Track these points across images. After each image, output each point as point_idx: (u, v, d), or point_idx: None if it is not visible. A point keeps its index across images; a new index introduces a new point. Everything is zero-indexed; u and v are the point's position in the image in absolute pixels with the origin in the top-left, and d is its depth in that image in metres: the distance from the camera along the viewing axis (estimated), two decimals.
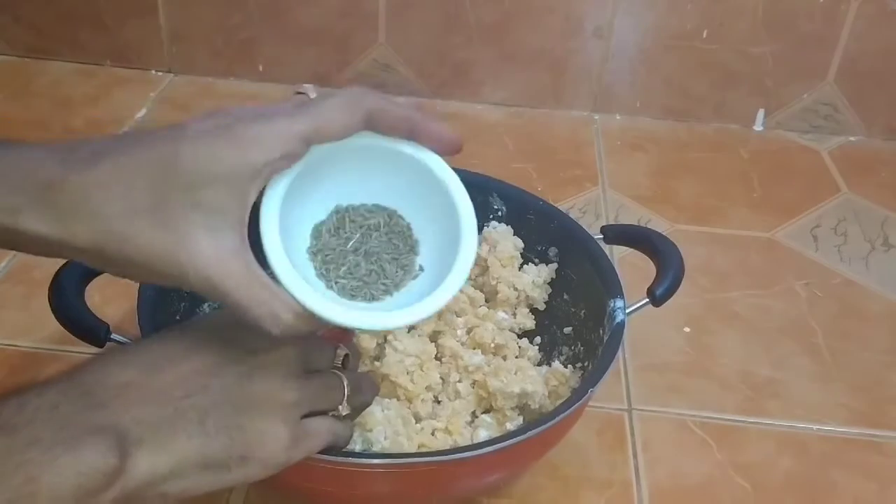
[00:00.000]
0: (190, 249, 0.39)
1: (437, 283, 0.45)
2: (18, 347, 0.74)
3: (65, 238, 0.40)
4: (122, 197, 0.39)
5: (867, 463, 0.69)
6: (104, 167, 0.39)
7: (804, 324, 0.82)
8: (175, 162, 0.39)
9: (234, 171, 0.39)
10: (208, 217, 0.39)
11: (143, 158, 0.39)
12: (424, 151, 0.45)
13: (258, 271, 0.41)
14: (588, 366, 0.64)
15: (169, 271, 0.40)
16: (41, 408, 0.38)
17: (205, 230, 0.39)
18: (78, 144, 0.40)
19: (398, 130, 0.44)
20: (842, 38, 1.07)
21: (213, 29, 1.14)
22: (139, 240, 0.39)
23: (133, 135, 0.41)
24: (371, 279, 0.46)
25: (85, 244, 0.40)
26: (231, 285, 0.40)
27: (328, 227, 0.46)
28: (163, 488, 0.41)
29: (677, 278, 0.64)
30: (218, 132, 0.40)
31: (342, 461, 0.50)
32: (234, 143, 0.39)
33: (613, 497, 0.64)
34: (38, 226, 0.39)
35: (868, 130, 1.13)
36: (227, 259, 0.40)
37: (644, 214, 0.97)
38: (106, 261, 0.41)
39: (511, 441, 0.51)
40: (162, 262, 0.40)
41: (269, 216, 0.41)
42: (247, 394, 0.43)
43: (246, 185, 0.40)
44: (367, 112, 0.42)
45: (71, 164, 0.39)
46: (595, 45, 1.10)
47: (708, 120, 1.14)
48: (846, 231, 0.96)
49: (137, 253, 0.39)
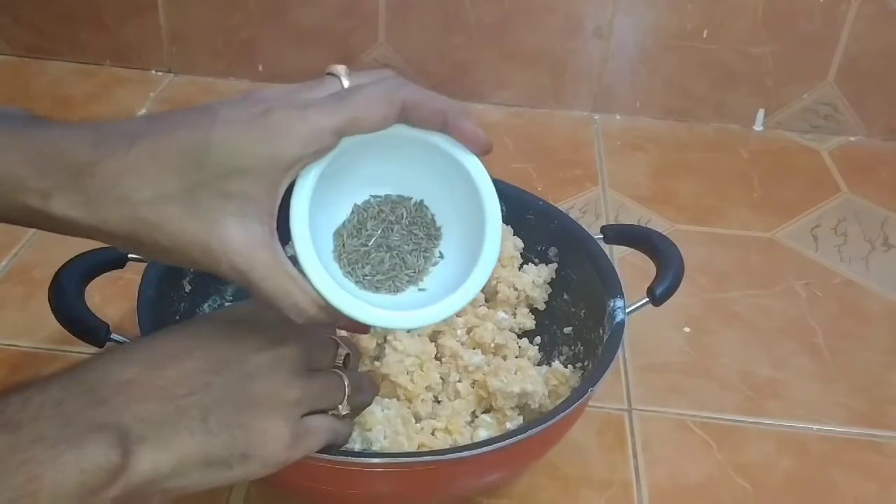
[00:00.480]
0: (220, 237, 0.40)
1: (460, 277, 0.45)
2: (18, 347, 0.74)
3: (95, 223, 0.40)
4: (153, 184, 0.39)
5: (867, 463, 0.69)
6: (135, 153, 0.39)
7: (804, 324, 0.82)
8: (206, 150, 0.39)
9: (266, 163, 0.39)
10: (239, 207, 0.39)
11: (175, 145, 0.39)
12: (456, 145, 0.44)
13: (286, 263, 0.41)
14: (588, 366, 0.64)
15: (200, 258, 0.40)
16: (45, 404, 0.38)
17: (235, 219, 0.40)
18: (110, 127, 0.41)
19: (432, 124, 0.43)
20: (842, 38, 1.07)
21: (213, 29, 1.14)
22: (170, 226, 0.40)
23: (164, 117, 0.41)
24: (395, 272, 0.46)
25: (116, 230, 0.40)
26: (259, 275, 0.40)
27: (348, 229, 0.46)
28: (164, 486, 0.41)
29: (677, 278, 0.64)
30: (251, 121, 0.39)
31: (342, 460, 0.50)
32: (267, 135, 0.39)
33: (613, 497, 0.64)
34: (68, 210, 0.40)
35: (868, 130, 1.13)
36: (256, 249, 0.40)
37: (644, 214, 0.97)
38: (137, 246, 0.41)
39: (511, 441, 0.51)
40: (193, 249, 0.40)
41: (299, 211, 0.42)
42: (249, 392, 0.43)
43: (277, 177, 0.40)
44: (402, 105, 0.42)
45: (102, 147, 0.39)
46: (595, 45, 1.10)
47: (708, 120, 1.14)
48: (846, 231, 0.96)
49: (168, 239, 0.40)
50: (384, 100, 0.41)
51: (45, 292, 0.58)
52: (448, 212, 0.47)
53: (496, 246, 0.45)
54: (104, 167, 0.39)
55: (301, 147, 0.40)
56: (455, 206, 0.46)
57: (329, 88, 0.42)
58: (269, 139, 0.39)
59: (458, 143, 0.44)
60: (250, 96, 0.41)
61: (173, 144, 0.39)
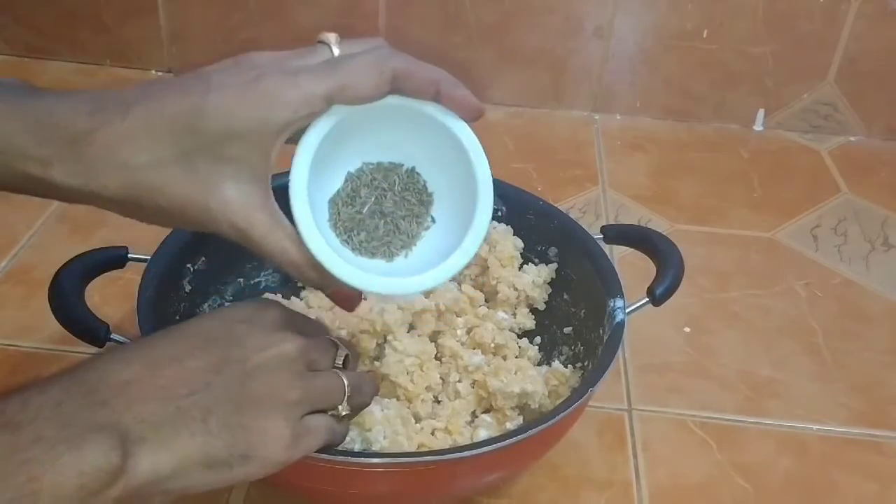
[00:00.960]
0: (219, 199, 0.42)
1: (453, 244, 0.46)
2: (18, 347, 0.74)
3: (96, 190, 0.41)
4: (150, 150, 0.41)
5: (867, 463, 0.69)
6: (131, 120, 0.40)
7: (804, 324, 0.82)
8: (201, 117, 0.40)
9: (258, 128, 0.41)
10: (234, 170, 0.41)
11: (169, 112, 0.41)
12: (448, 114, 0.45)
13: (284, 223, 0.43)
14: (588, 366, 0.64)
15: (200, 218, 0.42)
16: (44, 405, 0.38)
17: (232, 181, 0.41)
18: (105, 95, 0.42)
19: (424, 93, 0.44)
20: (842, 38, 1.07)
21: (213, 29, 1.14)
22: (170, 190, 0.41)
23: (158, 85, 0.42)
24: (389, 238, 0.47)
25: (116, 195, 0.42)
26: (258, 234, 0.42)
27: (342, 198, 0.47)
28: (165, 486, 0.41)
29: (677, 278, 0.64)
30: (243, 87, 0.41)
31: (342, 461, 0.50)
32: (259, 101, 0.41)
33: (613, 497, 0.64)
34: (68, 178, 0.41)
35: (868, 130, 1.13)
36: (253, 210, 0.42)
37: (644, 214, 0.97)
38: (137, 210, 0.43)
39: (511, 441, 0.51)
40: (193, 210, 0.42)
41: (297, 178, 0.43)
42: (250, 392, 0.43)
43: (269, 141, 0.41)
44: (393, 74, 0.43)
45: (98, 116, 0.41)
46: (595, 45, 1.10)
47: (708, 120, 1.14)
48: (846, 231, 0.96)
49: (169, 202, 0.42)
50: (375, 69, 0.42)
51: (45, 292, 0.58)
52: (440, 180, 0.48)
53: (487, 213, 0.46)
54: (101, 135, 0.40)
55: (292, 112, 0.41)
56: (447, 175, 0.47)
57: (320, 56, 0.43)
58: (260, 105, 0.41)
59: (450, 112, 0.45)
60: (241, 61, 0.42)
61: (168, 111, 0.41)
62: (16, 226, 0.88)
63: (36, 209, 0.90)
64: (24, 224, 0.88)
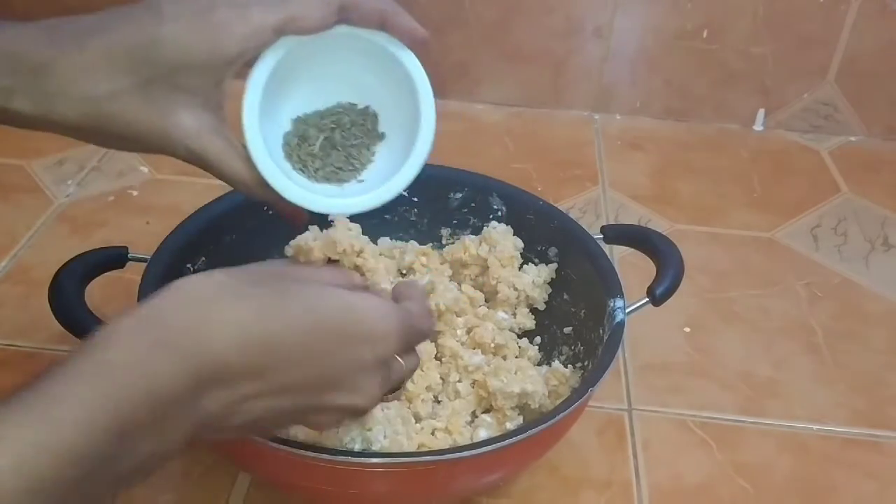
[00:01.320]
0: (175, 125, 0.44)
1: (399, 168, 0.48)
2: (19, 347, 0.74)
3: (57, 119, 0.44)
4: (109, 81, 0.43)
5: (867, 463, 0.69)
6: (90, 52, 0.43)
7: (804, 324, 0.82)
8: (156, 48, 0.43)
9: (209, 59, 0.43)
10: (189, 98, 0.44)
11: (125, 42, 0.43)
12: (393, 41, 0.47)
13: (237, 146, 0.46)
14: (588, 365, 0.64)
15: (159, 143, 0.45)
16: None
17: (186, 108, 0.44)
18: (61, 24, 0.44)
19: (370, 22, 0.46)
20: (842, 38, 1.07)
21: None
22: (129, 117, 0.44)
23: (112, 15, 0.44)
24: (340, 164, 0.49)
25: (76, 123, 0.44)
26: (212, 158, 0.45)
27: (291, 140, 0.49)
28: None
29: (677, 278, 0.64)
30: (195, 19, 0.43)
31: (342, 461, 0.50)
32: (210, 33, 0.43)
33: (613, 497, 0.64)
34: (31, 108, 0.43)
35: (868, 130, 1.13)
36: (208, 135, 0.45)
37: (644, 214, 0.97)
38: (96, 136, 0.45)
39: (511, 441, 0.52)
40: (152, 136, 0.44)
41: (249, 105, 0.45)
42: None
43: (220, 72, 0.44)
44: (340, 4, 0.45)
45: (58, 44, 0.43)
46: (595, 45, 1.10)
47: (708, 120, 1.14)
48: (846, 231, 0.96)
49: (128, 129, 0.44)
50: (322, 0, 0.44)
51: (45, 292, 0.58)
52: (389, 108, 0.50)
53: (428, 141, 0.47)
54: (61, 66, 0.43)
55: (242, 43, 0.44)
56: (395, 104, 0.49)
57: None
58: (212, 36, 0.43)
59: (396, 40, 0.47)
60: None
61: (125, 42, 0.43)
62: (16, 226, 0.88)
63: (36, 209, 0.90)
64: (23, 224, 0.88)
